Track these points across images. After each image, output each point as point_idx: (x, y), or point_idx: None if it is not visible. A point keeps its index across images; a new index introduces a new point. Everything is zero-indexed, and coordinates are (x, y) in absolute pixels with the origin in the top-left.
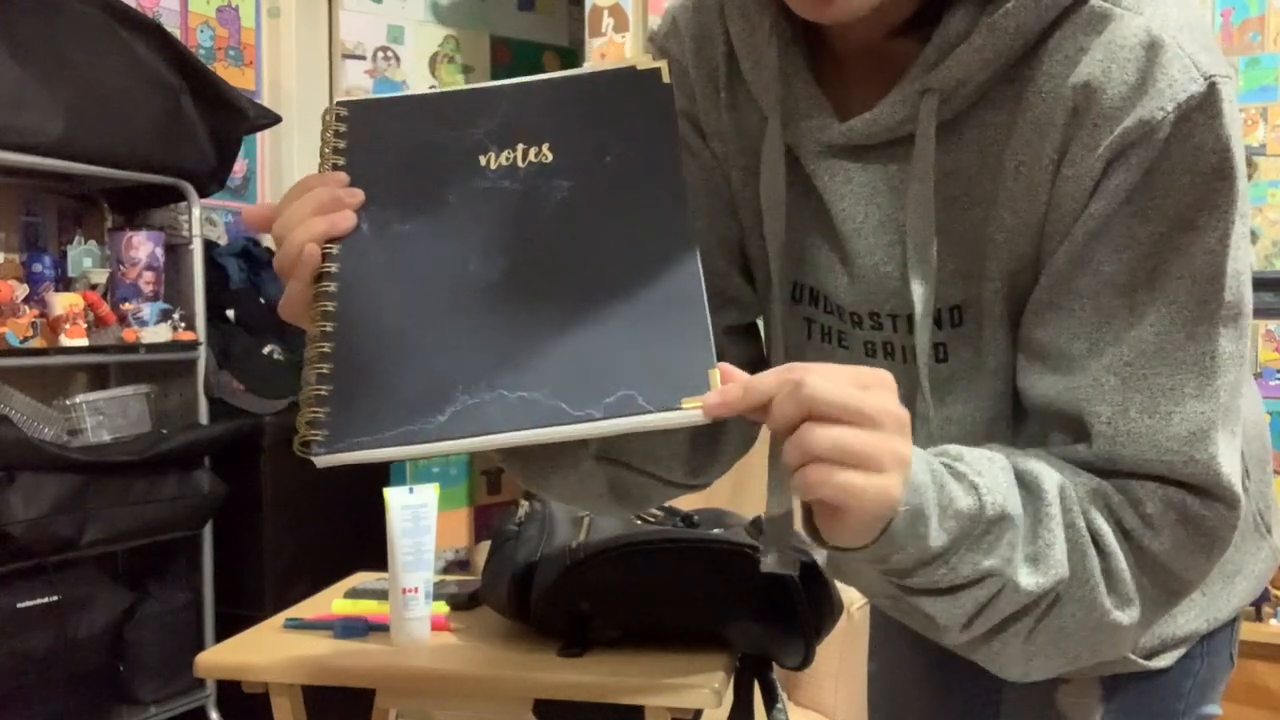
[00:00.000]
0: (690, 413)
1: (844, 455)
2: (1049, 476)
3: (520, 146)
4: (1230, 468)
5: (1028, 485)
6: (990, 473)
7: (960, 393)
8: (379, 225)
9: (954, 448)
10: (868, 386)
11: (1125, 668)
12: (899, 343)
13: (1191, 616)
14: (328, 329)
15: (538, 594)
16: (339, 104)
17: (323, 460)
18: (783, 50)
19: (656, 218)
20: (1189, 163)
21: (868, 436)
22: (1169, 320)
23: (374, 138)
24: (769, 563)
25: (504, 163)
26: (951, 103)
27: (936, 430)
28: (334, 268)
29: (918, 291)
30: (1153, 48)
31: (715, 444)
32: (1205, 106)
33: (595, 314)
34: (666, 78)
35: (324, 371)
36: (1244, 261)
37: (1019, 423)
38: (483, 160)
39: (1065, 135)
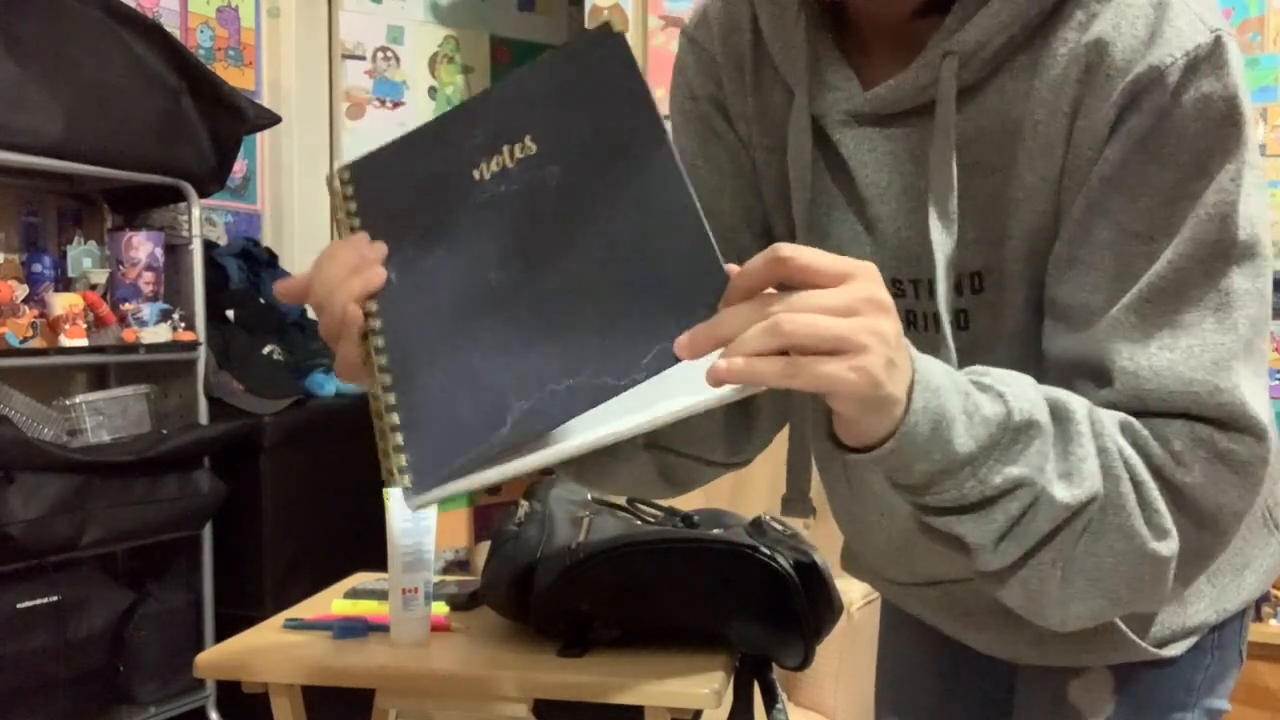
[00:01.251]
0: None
1: (820, 341)
2: (1077, 401)
3: (505, 147)
4: (1256, 400)
5: (1055, 408)
6: (1018, 384)
7: (981, 359)
8: (404, 269)
9: (979, 366)
10: (849, 273)
11: (1136, 656)
12: (920, 309)
13: (1201, 607)
14: (388, 382)
15: (538, 594)
16: (341, 170)
17: (417, 502)
18: (810, 28)
19: (649, 177)
20: (1200, 109)
21: (841, 322)
22: (1185, 258)
23: (379, 189)
24: (785, 508)
25: (495, 169)
26: (971, 67)
27: None
28: (378, 323)
29: (938, 241)
30: (1160, 5)
31: (749, 421)
32: (1212, 57)
33: (614, 287)
34: (618, 28)
35: (396, 422)
36: (1258, 207)
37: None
38: (476, 175)
39: (1079, 90)
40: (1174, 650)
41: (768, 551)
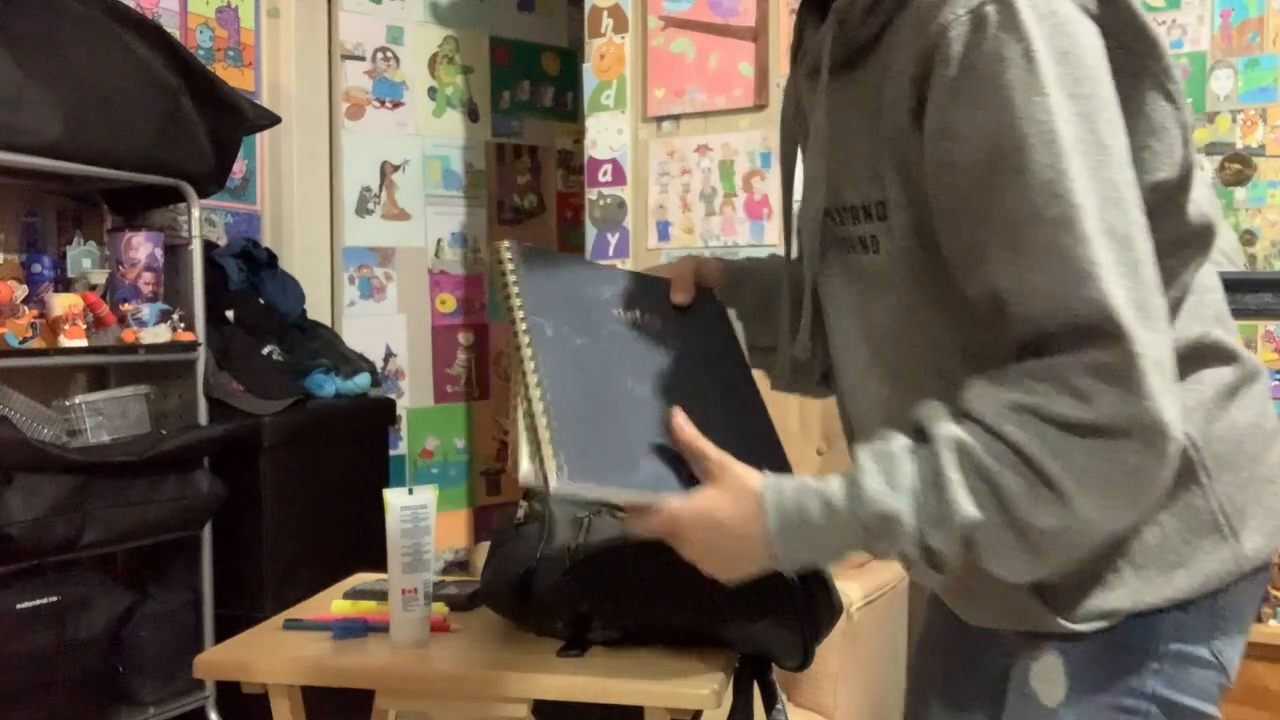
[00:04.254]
0: None
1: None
2: (943, 437)
3: (634, 309)
4: (1125, 305)
5: (922, 468)
6: (873, 481)
7: (893, 280)
8: (560, 335)
9: (868, 462)
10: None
11: (1042, 626)
12: (868, 233)
13: (1120, 593)
14: (541, 394)
15: (537, 595)
16: (507, 245)
17: (564, 488)
18: (802, 7)
19: (744, 387)
20: (999, 54)
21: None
22: (1025, 187)
23: (537, 276)
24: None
25: (627, 316)
26: (851, 23)
27: (879, 318)
28: (530, 351)
29: (809, 178)
30: None
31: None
32: (1001, 11)
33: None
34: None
35: (549, 424)
36: (1076, 124)
37: (953, 311)
38: (614, 312)
39: (910, 48)
40: (1083, 627)
41: None
